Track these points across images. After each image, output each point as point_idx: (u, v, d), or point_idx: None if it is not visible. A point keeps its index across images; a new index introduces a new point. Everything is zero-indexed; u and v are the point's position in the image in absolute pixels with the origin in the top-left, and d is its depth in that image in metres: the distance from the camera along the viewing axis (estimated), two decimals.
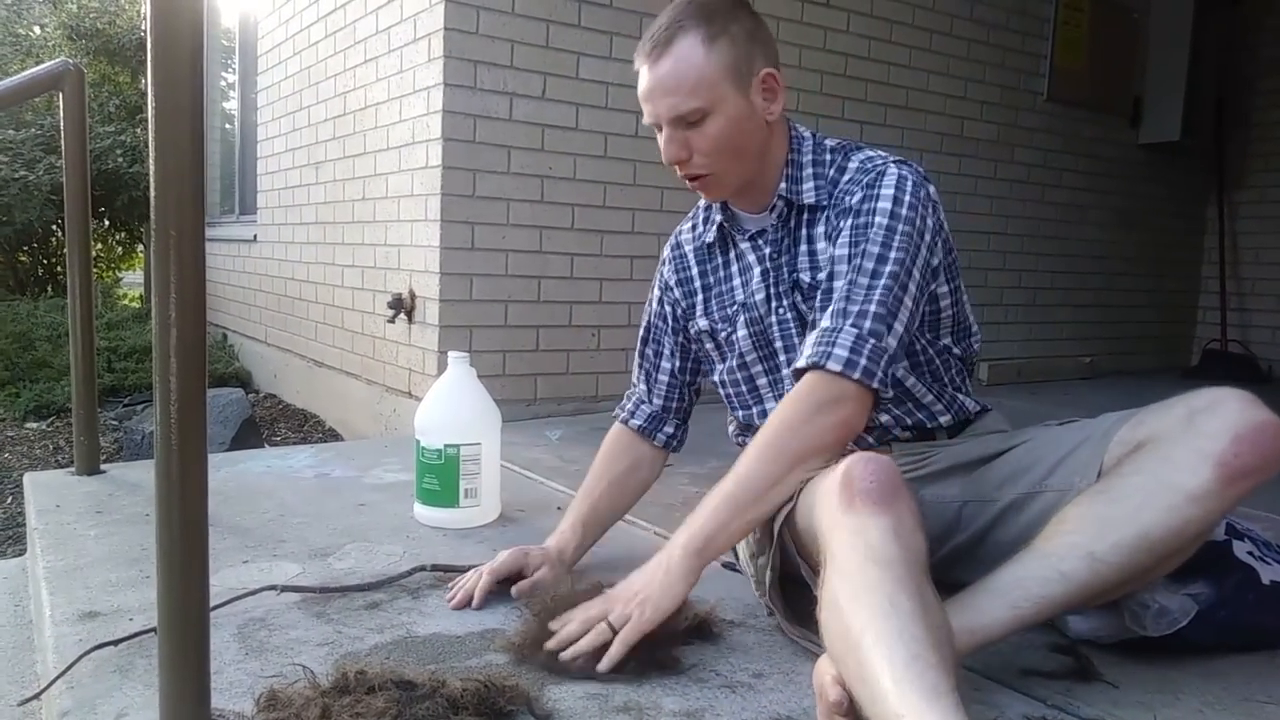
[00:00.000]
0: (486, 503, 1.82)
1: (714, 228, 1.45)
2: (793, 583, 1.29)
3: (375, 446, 2.69)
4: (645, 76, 1.29)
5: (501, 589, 1.41)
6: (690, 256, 1.51)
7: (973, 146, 4.19)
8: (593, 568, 1.50)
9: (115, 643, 1.21)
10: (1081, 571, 1.06)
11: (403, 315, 3.13)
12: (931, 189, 1.31)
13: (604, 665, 1.14)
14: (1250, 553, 1.27)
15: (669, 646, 1.20)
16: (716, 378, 1.52)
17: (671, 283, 1.53)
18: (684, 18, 1.26)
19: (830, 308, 1.23)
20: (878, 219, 1.25)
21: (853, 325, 1.19)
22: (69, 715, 1.06)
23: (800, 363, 1.21)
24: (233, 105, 5.70)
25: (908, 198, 1.27)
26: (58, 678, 1.14)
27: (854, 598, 0.95)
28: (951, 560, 1.30)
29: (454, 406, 1.78)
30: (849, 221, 1.28)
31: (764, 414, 1.45)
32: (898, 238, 1.24)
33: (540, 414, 3.10)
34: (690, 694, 1.14)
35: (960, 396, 1.44)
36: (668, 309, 1.54)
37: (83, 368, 2.08)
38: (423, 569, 1.51)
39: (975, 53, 4.13)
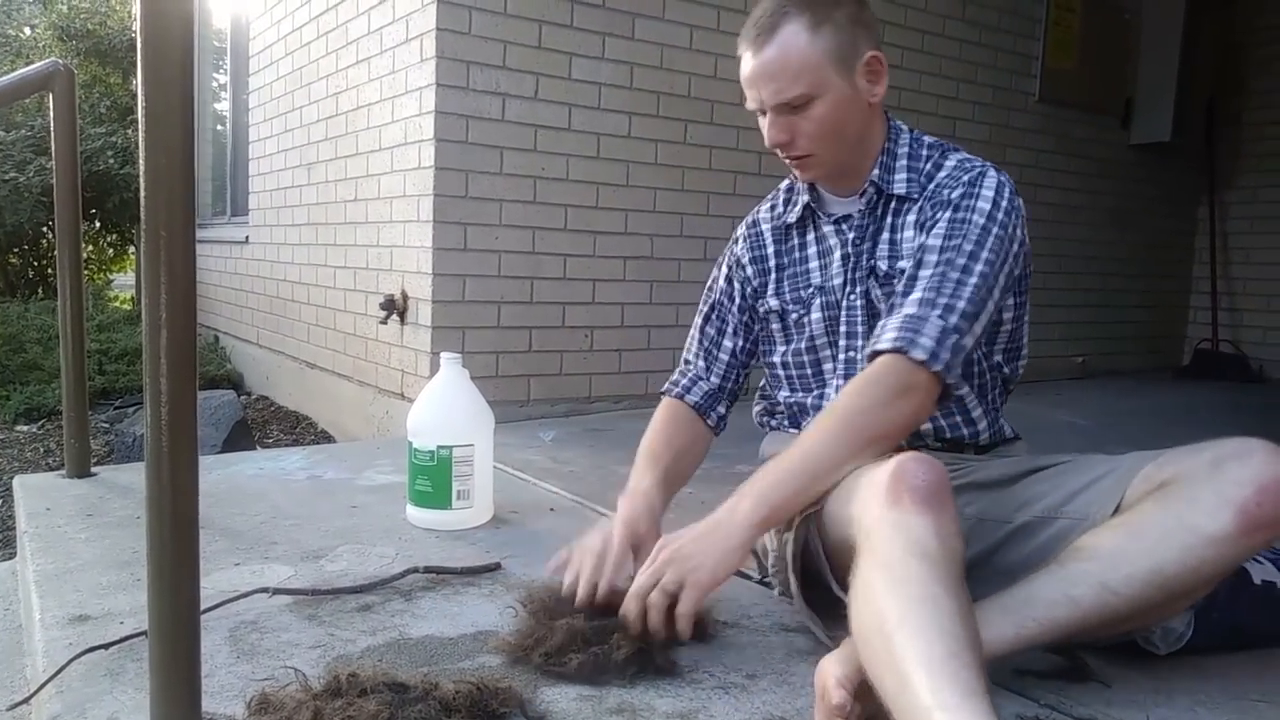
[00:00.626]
0: (479, 504, 1.81)
1: (798, 209, 1.47)
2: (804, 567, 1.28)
3: (367, 448, 2.69)
4: (749, 62, 1.32)
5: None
6: (767, 235, 1.52)
7: (965, 147, 4.15)
8: None
9: (106, 646, 1.20)
10: (1091, 599, 1.06)
11: (395, 316, 3.12)
12: (1020, 201, 1.33)
13: (684, 635, 1.16)
14: None
15: (664, 649, 1.19)
16: (777, 359, 1.51)
17: (745, 260, 1.53)
18: (788, 4, 1.28)
19: (916, 294, 1.24)
20: (976, 218, 1.28)
21: (940, 317, 1.20)
22: (59, 719, 1.05)
23: (881, 345, 1.21)
24: (224, 106, 5.69)
25: (1005, 203, 1.30)
26: (48, 681, 1.13)
27: (892, 588, 0.95)
28: None
29: (446, 408, 1.78)
30: (947, 214, 1.30)
31: (820, 397, 1.45)
32: (991, 239, 1.27)
33: (533, 415, 3.10)
34: (684, 695, 1.14)
35: (1000, 418, 1.45)
36: (736, 287, 1.54)
37: (73, 370, 2.07)
38: (415, 571, 1.51)
39: (967, 53, 4.14)
